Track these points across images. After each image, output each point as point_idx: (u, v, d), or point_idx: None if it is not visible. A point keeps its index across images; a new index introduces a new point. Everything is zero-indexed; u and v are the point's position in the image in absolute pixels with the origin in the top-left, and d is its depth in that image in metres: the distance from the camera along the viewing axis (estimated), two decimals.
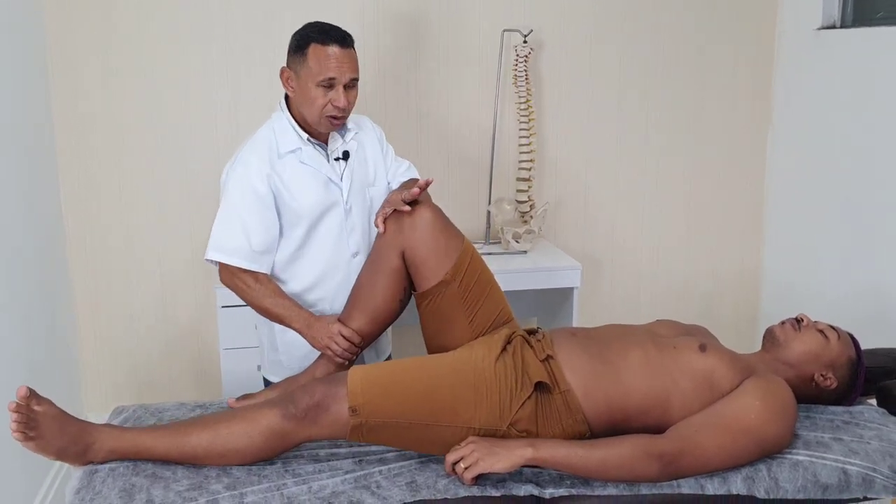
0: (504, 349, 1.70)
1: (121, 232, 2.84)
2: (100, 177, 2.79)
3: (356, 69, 1.88)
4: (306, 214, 1.92)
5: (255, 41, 2.79)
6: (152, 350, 2.94)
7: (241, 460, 1.61)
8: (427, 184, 1.84)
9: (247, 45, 2.79)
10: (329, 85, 1.84)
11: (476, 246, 2.90)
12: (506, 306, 1.90)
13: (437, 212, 1.86)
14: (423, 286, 1.83)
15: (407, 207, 1.80)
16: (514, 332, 1.77)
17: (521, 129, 2.92)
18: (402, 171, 2.11)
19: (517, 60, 2.87)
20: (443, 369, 1.67)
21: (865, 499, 1.63)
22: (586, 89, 3.06)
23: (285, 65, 1.91)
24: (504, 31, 2.86)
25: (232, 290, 1.94)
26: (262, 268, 1.90)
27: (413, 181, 2.01)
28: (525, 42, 2.84)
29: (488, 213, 2.96)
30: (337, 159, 1.97)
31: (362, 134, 2.03)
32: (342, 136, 1.98)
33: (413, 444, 1.64)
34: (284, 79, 1.91)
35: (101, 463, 1.60)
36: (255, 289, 1.89)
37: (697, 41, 3.10)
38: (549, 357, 1.69)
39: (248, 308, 1.97)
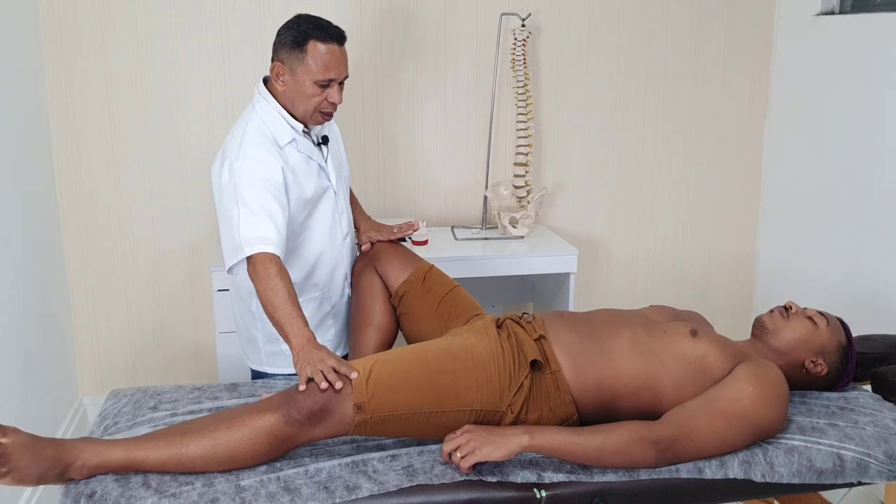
0: (498, 334, 1.72)
1: (115, 214, 2.82)
2: (94, 160, 2.77)
3: (347, 66, 1.91)
4: (308, 202, 1.93)
5: (247, 19, 2.76)
6: (148, 333, 2.94)
7: (243, 465, 1.54)
8: (416, 228, 2.12)
9: (239, 24, 2.76)
10: (327, 84, 1.84)
11: (473, 231, 2.93)
12: (474, 303, 1.97)
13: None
14: (392, 287, 1.98)
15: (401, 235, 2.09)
16: (499, 318, 1.80)
17: (518, 114, 2.91)
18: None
19: (515, 44, 2.85)
20: (440, 356, 1.67)
21: (860, 483, 1.64)
22: (584, 74, 3.05)
23: (276, 59, 1.85)
24: (502, 14, 2.84)
25: (255, 281, 1.78)
26: (283, 253, 1.82)
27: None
28: (523, 26, 2.82)
29: (485, 197, 2.95)
30: (318, 144, 1.99)
31: None
32: None
33: (415, 432, 1.64)
34: (275, 74, 1.87)
35: (86, 479, 1.49)
36: (274, 282, 1.75)
37: (696, 26, 3.09)
38: (541, 337, 1.71)
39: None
